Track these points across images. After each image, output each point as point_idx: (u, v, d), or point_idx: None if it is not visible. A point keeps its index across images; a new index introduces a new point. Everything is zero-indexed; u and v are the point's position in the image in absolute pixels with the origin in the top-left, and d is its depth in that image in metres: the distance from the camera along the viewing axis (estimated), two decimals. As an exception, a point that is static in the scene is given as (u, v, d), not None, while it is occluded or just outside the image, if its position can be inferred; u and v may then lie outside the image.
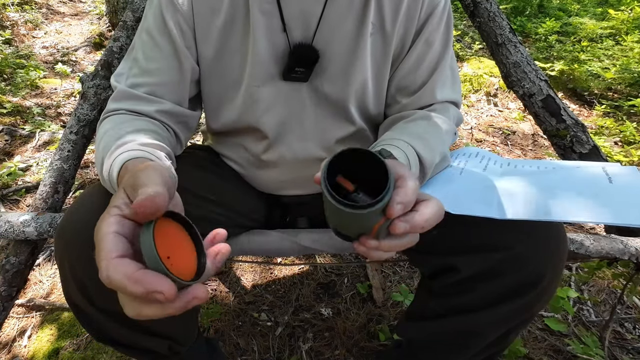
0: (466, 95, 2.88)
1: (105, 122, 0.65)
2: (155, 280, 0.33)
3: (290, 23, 0.66)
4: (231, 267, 1.39)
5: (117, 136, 0.57)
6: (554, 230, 0.61)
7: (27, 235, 0.83)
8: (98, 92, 1.02)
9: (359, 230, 0.46)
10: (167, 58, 0.67)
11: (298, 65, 0.68)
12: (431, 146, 0.64)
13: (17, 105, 2.39)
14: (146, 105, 0.67)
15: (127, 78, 0.69)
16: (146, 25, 0.68)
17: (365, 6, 0.67)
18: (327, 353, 1.10)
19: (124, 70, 0.70)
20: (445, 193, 0.61)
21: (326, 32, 0.68)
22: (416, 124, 0.69)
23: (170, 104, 0.69)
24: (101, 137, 0.61)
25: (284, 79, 0.70)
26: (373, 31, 0.69)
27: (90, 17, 4.10)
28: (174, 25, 0.66)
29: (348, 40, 0.69)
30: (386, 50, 0.71)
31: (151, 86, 0.68)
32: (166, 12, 0.66)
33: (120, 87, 0.67)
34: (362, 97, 0.73)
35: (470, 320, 0.64)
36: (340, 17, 0.67)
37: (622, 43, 3.39)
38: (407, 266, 1.42)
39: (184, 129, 0.73)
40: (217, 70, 0.71)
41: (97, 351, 1.07)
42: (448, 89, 0.75)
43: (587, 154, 1.10)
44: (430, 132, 0.67)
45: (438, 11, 0.70)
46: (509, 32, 1.22)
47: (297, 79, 0.70)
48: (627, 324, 1.22)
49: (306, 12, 0.66)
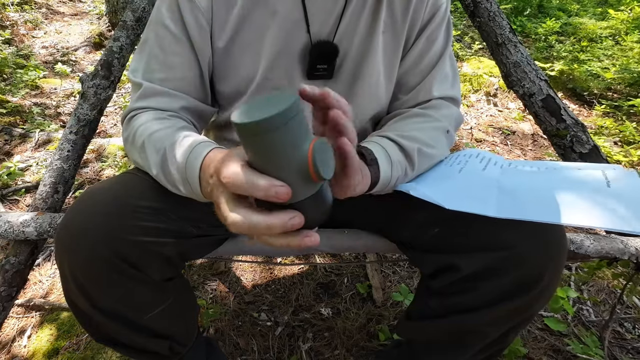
0: (466, 95, 2.88)
1: (136, 121, 0.64)
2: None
3: (312, 20, 0.66)
4: (231, 267, 1.39)
5: (174, 129, 0.58)
6: (555, 230, 0.61)
7: (27, 235, 0.83)
8: (98, 92, 1.02)
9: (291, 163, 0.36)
10: (187, 52, 0.66)
11: (319, 62, 0.68)
12: (409, 133, 0.66)
13: (16, 105, 2.39)
14: (171, 101, 0.66)
15: (146, 73, 0.67)
16: (161, 20, 0.66)
17: (378, 4, 0.68)
18: (327, 353, 1.10)
19: (140, 65, 0.68)
20: (441, 188, 0.62)
21: (343, 30, 0.68)
22: (403, 122, 0.71)
23: (192, 100, 0.68)
24: (148, 135, 0.60)
25: (307, 78, 0.70)
26: (385, 29, 0.70)
27: (90, 17, 4.09)
28: (193, 20, 0.65)
29: (362, 37, 0.69)
30: (396, 48, 0.72)
31: (174, 81, 0.67)
32: (183, 6, 0.64)
33: (145, 84, 0.66)
34: (374, 94, 0.74)
35: (470, 319, 0.64)
36: (355, 15, 0.68)
37: (621, 43, 3.39)
38: (407, 266, 1.42)
39: (202, 124, 0.74)
40: (231, 65, 0.70)
41: (97, 351, 1.07)
42: (447, 86, 0.75)
43: (587, 154, 1.10)
44: (411, 123, 0.69)
45: (440, 13, 0.72)
46: (509, 32, 1.22)
47: (321, 77, 0.70)
48: (626, 323, 1.22)
49: (328, 9, 0.67)
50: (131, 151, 0.64)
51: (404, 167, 0.63)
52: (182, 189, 0.55)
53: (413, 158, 0.64)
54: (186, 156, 0.52)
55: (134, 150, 0.63)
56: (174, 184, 0.55)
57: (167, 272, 0.66)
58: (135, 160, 0.64)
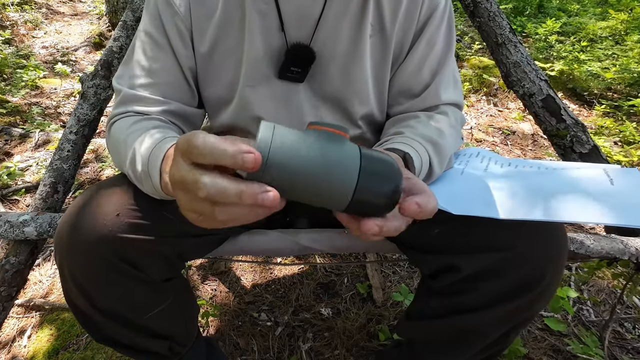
0: (466, 95, 2.88)
1: (115, 125, 0.65)
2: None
3: (288, 23, 0.66)
4: (231, 267, 1.39)
5: (144, 130, 0.58)
6: (555, 230, 0.61)
7: (27, 235, 0.83)
8: (98, 92, 1.02)
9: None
10: (169, 58, 0.68)
11: (294, 65, 0.68)
12: (442, 153, 0.65)
13: (16, 105, 2.39)
14: (151, 106, 0.67)
15: (129, 79, 0.69)
16: (145, 27, 0.68)
17: (363, 7, 0.67)
18: (327, 353, 1.10)
19: (125, 72, 0.70)
20: (446, 194, 0.61)
21: (324, 34, 0.68)
22: (427, 127, 0.68)
23: (175, 104, 0.69)
24: (124, 137, 0.60)
25: (279, 78, 0.69)
26: (372, 33, 0.69)
27: (90, 17, 4.10)
28: (172, 27, 0.66)
29: (347, 41, 0.68)
30: (386, 52, 0.71)
31: (155, 86, 0.68)
32: (164, 14, 0.66)
33: (125, 90, 0.67)
34: (363, 99, 0.73)
35: (471, 319, 0.64)
36: (338, 19, 0.67)
37: (622, 43, 3.39)
38: (407, 266, 1.42)
39: (190, 127, 0.73)
40: (213, 71, 0.71)
41: (97, 351, 1.07)
42: (451, 91, 0.75)
43: (587, 154, 1.10)
44: (442, 136, 0.67)
45: (439, 12, 0.70)
46: (509, 32, 1.22)
47: (293, 79, 0.70)
48: (626, 323, 1.22)
49: (304, 12, 0.66)
50: (112, 155, 0.66)
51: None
52: (144, 183, 0.54)
53: (431, 179, 0.64)
54: (151, 148, 0.52)
55: (114, 153, 0.64)
56: (140, 179, 0.55)
57: (167, 272, 0.66)
58: (116, 164, 0.65)
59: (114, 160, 0.65)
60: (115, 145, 0.63)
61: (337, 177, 0.34)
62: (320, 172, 0.34)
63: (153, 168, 0.50)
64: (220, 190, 0.33)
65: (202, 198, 0.33)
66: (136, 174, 0.55)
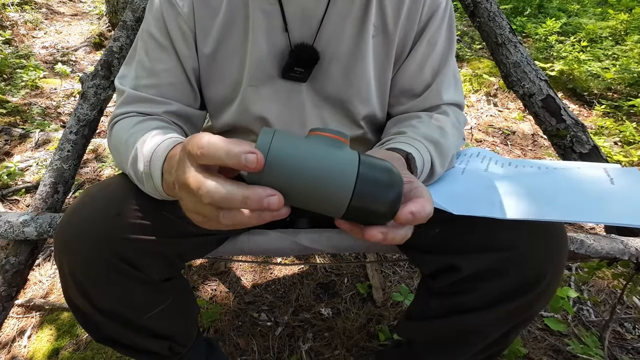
0: (466, 95, 2.88)
1: (118, 125, 0.65)
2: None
3: (292, 23, 0.66)
4: (231, 267, 1.39)
5: (146, 130, 0.57)
6: (555, 230, 0.61)
7: (27, 235, 0.83)
8: (98, 92, 1.02)
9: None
10: (172, 60, 0.68)
11: (297, 65, 0.68)
12: (443, 153, 0.65)
13: (16, 105, 2.39)
14: (154, 107, 0.67)
15: (132, 80, 0.69)
16: (147, 28, 0.68)
17: (366, 8, 0.67)
18: (327, 353, 1.10)
19: (128, 72, 0.70)
20: (447, 194, 0.61)
21: (327, 34, 0.68)
22: (429, 127, 0.68)
23: (177, 105, 0.69)
24: (126, 137, 0.60)
25: (282, 78, 0.70)
26: (375, 33, 0.69)
27: (90, 17, 4.10)
28: (175, 28, 0.66)
29: (349, 42, 0.68)
30: (388, 52, 0.71)
31: (158, 87, 0.68)
32: (166, 14, 0.66)
33: (128, 91, 0.67)
34: (365, 99, 0.73)
35: (471, 319, 0.64)
36: (341, 19, 0.67)
37: (622, 43, 3.39)
38: (407, 266, 1.42)
39: (191, 128, 0.73)
40: (217, 72, 0.71)
41: (97, 351, 1.07)
42: (452, 91, 0.75)
43: (587, 154, 1.10)
44: (444, 136, 0.67)
45: (440, 12, 0.70)
46: (509, 32, 1.22)
47: (296, 79, 0.70)
48: (627, 324, 1.22)
49: (308, 12, 0.66)
50: (114, 155, 0.65)
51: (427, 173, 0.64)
52: (145, 183, 0.53)
53: (432, 180, 0.65)
54: (153, 149, 0.52)
55: (115, 153, 0.64)
56: (141, 179, 0.54)
57: (167, 272, 0.66)
58: (117, 164, 0.65)
59: (115, 160, 0.65)
60: (116, 145, 0.63)
61: (334, 182, 0.34)
62: (318, 175, 0.34)
63: (155, 168, 0.50)
64: (225, 197, 0.33)
65: (207, 203, 0.34)
66: (137, 174, 0.55)
